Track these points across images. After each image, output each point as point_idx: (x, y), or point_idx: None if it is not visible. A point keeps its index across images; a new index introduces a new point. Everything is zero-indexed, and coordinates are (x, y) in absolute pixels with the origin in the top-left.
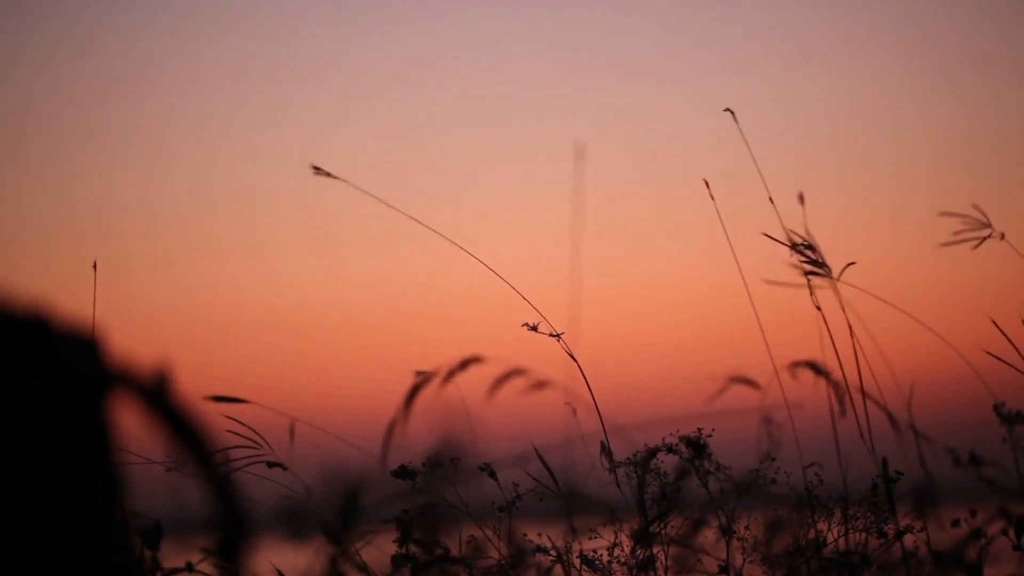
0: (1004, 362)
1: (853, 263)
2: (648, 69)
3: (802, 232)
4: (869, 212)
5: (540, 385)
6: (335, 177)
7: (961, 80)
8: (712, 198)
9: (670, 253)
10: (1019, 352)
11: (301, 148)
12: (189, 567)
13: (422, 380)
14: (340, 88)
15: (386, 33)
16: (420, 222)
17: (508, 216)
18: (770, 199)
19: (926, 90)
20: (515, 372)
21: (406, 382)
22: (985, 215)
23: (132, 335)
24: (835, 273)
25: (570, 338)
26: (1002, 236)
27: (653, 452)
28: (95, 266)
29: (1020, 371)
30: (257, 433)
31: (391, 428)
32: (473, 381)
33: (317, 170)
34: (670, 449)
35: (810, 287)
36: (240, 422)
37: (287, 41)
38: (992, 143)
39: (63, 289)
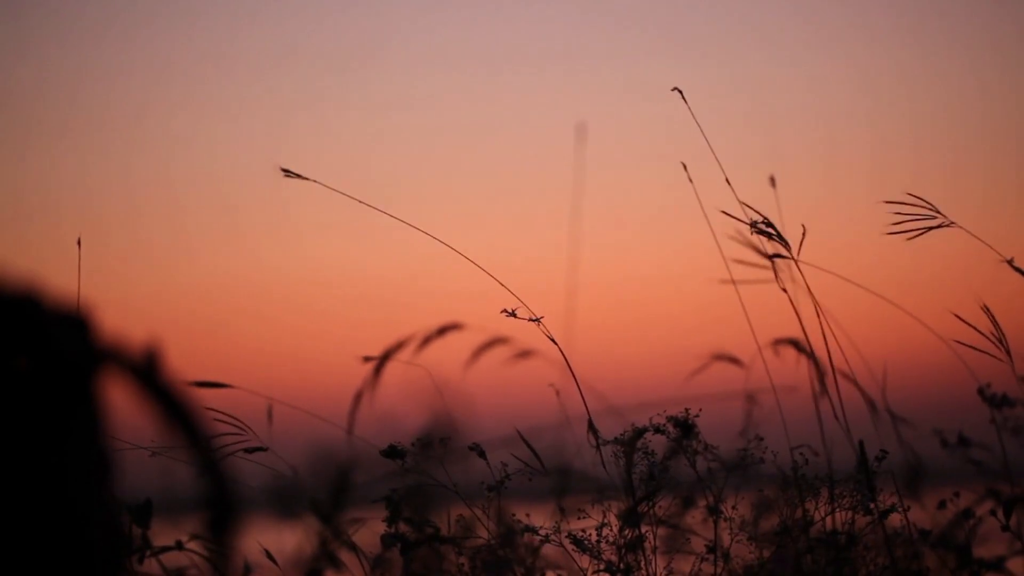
0: (976, 349)
1: (805, 233)
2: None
3: (761, 211)
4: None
5: (524, 354)
6: (305, 179)
7: (937, 63)
8: (690, 180)
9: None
10: (984, 335)
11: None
12: (179, 546)
13: (393, 347)
14: (321, 70)
15: (369, 11)
16: (396, 218)
17: (504, 200)
18: (727, 180)
19: (900, 73)
20: (498, 340)
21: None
22: (930, 204)
23: (116, 313)
24: (794, 250)
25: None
26: (950, 224)
27: (640, 432)
28: (79, 243)
29: (991, 355)
30: (239, 420)
31: (357, 397)
32: (458, 355)
33: (287, 173)
34: (657, 429)
35: (774, 269)
36: (223, 412)
37: (266, 22)
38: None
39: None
